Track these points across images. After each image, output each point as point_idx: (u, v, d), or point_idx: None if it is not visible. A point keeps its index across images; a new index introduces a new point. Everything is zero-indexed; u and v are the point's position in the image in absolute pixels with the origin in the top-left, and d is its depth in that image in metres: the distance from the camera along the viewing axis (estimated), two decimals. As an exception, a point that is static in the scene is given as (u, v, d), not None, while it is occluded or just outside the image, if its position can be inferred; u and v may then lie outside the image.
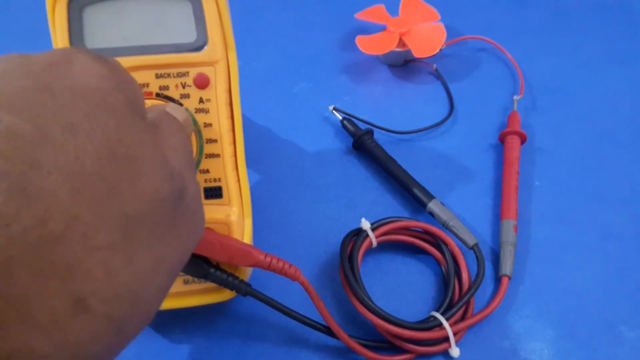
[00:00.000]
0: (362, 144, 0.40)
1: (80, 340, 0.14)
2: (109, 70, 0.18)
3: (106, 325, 0.15)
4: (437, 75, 0.46)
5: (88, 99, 0.16)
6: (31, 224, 0.13)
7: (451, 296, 0.33)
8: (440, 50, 0.45)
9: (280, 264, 0.29)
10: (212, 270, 0.29)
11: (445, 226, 0.36)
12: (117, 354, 0.17)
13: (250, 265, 0.29)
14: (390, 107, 0.45)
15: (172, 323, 0.33)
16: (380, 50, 0.45)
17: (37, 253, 0.13)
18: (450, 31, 0.47)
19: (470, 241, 0.35)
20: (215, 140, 0.28)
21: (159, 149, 0.18)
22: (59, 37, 0.26)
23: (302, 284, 0.30)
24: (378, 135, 0.42)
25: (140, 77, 0.27)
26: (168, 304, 0.30)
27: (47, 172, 0.14)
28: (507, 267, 0.35)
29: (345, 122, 0.41)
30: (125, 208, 0.15)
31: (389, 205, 0.39)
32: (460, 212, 0.38)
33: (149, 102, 0.27)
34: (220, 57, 0.27)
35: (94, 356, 0.15)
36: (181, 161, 0.19)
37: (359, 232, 0.35)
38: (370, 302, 0.31)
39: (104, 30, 0.27)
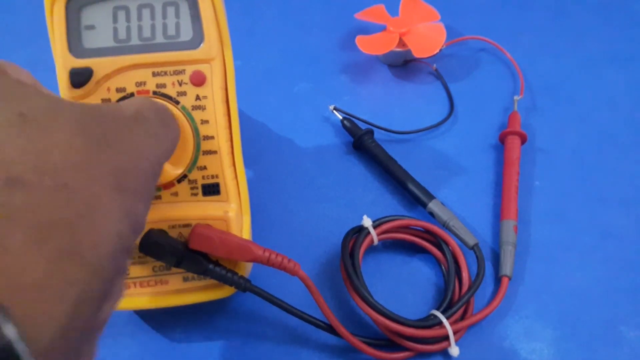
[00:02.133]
0: (362, 144, 0.40)
1: (36, 210, 0.15)
2: None
3: (60, 194, 0.16)
4: (437, 75, 0.47)
5: None
6: None
7: (451, 295, 0.33)
8: (440, 50, 0.45)
9: (279, 259, 0.30)
10: (211, 266, 0.29)
11: (445, 226, 0.36)
12: (107, 224, 0.17)
13: (249, 261, 0.29)
14: (390, 107, 0.45)
15: (172, 322, 0.33)
16: (380, 50, 0.45)
17: None
18: (450, 31, 0.47)
19: (471, 241, 0.35)
20: (212, 137, 0.29)
21: (29, 84, 0.19)
22: (57, 38, 0.27)
23: (301, 278, 0.30)
24: (378, 135, 0.42)
25: (137, 75, 0.27)
26: (168, 301, 0.30)
27: None
28: (507, 268, 0.35)
29: (345, 122, 0.41)
30: (19, 109, 0.17)
31: (389, 205, 0.39)
32: (460, 212, 0.38)
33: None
34: (216, 55, 0.28)
35: (69, 225, 0.16)
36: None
37: (360, 230, 0.35)
38: (370, 298, 0.31)
39: (102, 30, 0.27)
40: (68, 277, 0.15)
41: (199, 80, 0.28)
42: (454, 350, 0.32)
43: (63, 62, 0.27)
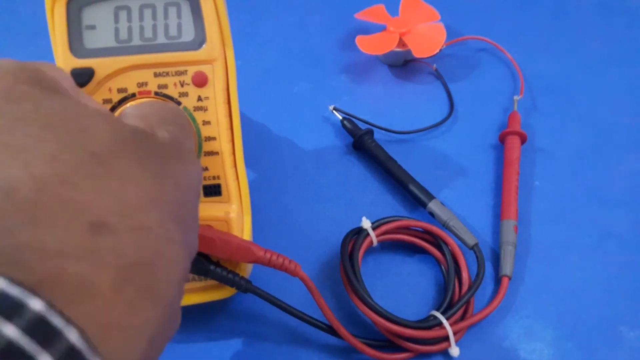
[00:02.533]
0: (362, 144, 0.40)
1: (120, 253, 0.15)
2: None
3: (140, 234, 0.16)
4: (437, 75, 0.47)
5: None
6: (2, 199, 0.14)
7: (451, 296, 0.33)
8: (440, 50, 0.45)
9: (280, 260, 0.30)
10: (212, 267, 0.29)
11: (445, 226, 0.36)
12: (177, 258, 0.18)
13: (250, 262, 0.29)
14: (390, 107, 0.45)
15: (172, 323, 0.33)
16: (380, 50, 0.45)
17: (25, 213, 0.14)
18: (450, 31, 0.47)
19: (471, 241, 0.35)
20: (214, 138, 0.28)
21: (86, 105, 0.18)
22: (58, 38, 0.27)
23: (302, 279, 0.30)
24: (378, 135, 0.42)
25: (139, 76, 0.27)
26: None
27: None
28: (507, 268, 0.35)
29: (345, 122, 0.41)
30: (89, 148, 0.16)
31: (388, 205, 0.39)
32: (460, 212, 0.38)
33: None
34: (218, 55, 0.28)
35: (148, 264, 0.16)
36: (140, 111, 0.21)
37: (359, 231, 0.35)
38: (370, 300, 0.31)
39: (103, 30, 0.27)
40: (146, 315, 0.16)
41: (200, 81, 0.28)
42: (454, 351, 0.32)
43: (64, 62, 0.27)
